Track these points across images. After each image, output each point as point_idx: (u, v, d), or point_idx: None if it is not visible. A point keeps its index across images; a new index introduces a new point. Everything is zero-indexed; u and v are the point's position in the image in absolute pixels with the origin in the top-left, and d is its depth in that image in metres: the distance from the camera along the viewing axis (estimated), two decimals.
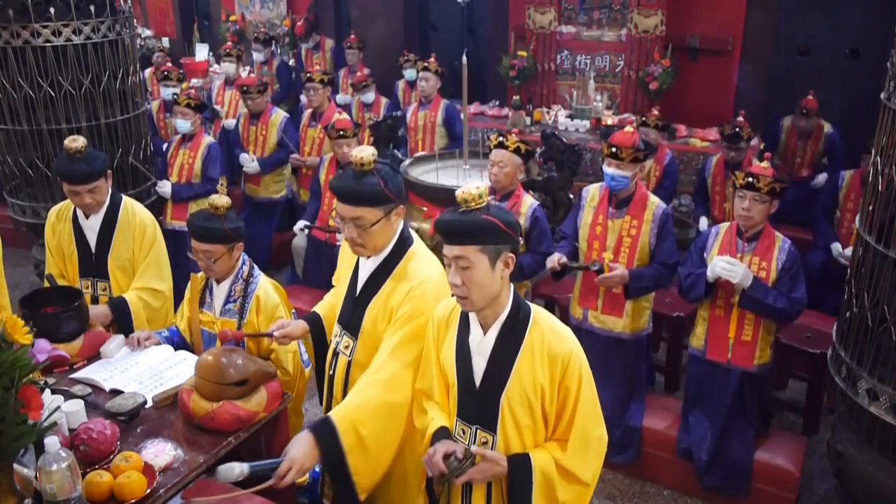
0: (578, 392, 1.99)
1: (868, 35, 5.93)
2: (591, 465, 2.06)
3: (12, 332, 1.87)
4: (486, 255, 1.90)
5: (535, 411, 2.02)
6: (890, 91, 2.65)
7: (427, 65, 5.74)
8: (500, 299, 2.00)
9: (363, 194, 2.21)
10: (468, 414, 2.10)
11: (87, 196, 3.12)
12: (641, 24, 6.33)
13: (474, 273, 1.91)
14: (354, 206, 2.22)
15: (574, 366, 1.98)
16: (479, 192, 1.91)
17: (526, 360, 1.99)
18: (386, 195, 2.23)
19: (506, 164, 3.56)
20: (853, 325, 2.79)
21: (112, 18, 4.06)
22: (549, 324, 2.04)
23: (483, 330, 2.05)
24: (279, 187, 5.64)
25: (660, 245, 3.40)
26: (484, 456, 2.02)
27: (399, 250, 2.35)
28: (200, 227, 2.71)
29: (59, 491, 1.87)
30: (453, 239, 1.92)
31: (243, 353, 2.52)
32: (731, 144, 4.68)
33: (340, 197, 2.24)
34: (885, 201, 2.64)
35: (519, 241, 1.97)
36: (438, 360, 2.18)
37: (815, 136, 5.28)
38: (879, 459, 2.73)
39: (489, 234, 1.90)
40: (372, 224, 2.23)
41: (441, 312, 2.18)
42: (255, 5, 9.41)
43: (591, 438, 2.04)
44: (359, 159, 2.22)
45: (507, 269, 1.96)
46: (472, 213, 1.91)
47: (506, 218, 1.93)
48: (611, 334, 3.55)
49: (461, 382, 2.10)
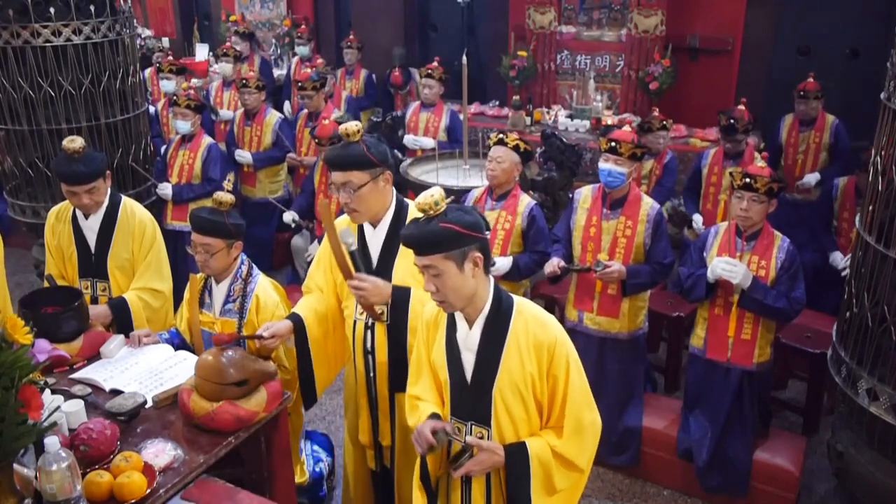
0: (567, 379, 2.03)
1: (868, 35, 5.93)
2: (587, 451, 2.10)
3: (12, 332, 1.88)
4: (452, 260, 1.94)
5: (527, 401, 2.06)
6: (890, 91, 2.65)
7: (430, 71, 5.66)
8: (479, 295, 2.04)
9: (348, 158, 2.44)
10: (462, 411, 2.13)
11: (85, 197, 3.12)
12: (641, 24, 6.33)
13: (445, 279, 1.95)
14: (343, 172, 2.45)
15: (560, 353, 2.02)
16: (433, 199, 1.92)
17: (513, 351, 2.03)
18: (370, 159, 2.44)
19: (504, 161, 3.56)
20: (853, 325, 2.79)
21: (112, 18, 4.05)
22: (532, 313, 2.07)
23: (469, 325, 2.08)
24: (276, 188, 5.64)
25: (655, 245, 3.41)
26: (480, 447, 2.05)
27: (399, 214, 2.58)
28: (203, 219, 2.72)
29: (59, 491, 1.87)
30: (418, 250, 1.96)
31: (243, 353, 2.52)
32: (728, 136, 4.56)
33: (330, 164, 2.49)
34: (885, 201, 2.64)
35: (484, 237, 2.00)
36: (430, 360, 2.21)
37: (819, 127, 5.09)
38: (879, 459, 2.73)
39: (451, 241, 1.92)
40: (360, 186, 2.45)
41: (429, 314, 2.22)
42: (255, 5, 9.42)
43: (585, 424, 2.07)
44: (344, 130, 2.45)
45: (478, 268, 1.99)
46: (430, 221, 1.93)
47: (464, 220, 1.94)
48: (607, 335, 3.55)
49: (453, 379, 2.13)
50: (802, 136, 5.14)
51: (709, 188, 4.72)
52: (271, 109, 5.65)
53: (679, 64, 6.33)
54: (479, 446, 2.05)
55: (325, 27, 9.09)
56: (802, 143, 5.15)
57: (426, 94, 5.72)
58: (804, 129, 5.14)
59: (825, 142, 5.09)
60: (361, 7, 8.40)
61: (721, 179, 4.65)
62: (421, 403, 2.22)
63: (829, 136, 5.06)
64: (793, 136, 5.19)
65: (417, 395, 2.25)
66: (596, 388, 3.54)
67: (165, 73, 5.94)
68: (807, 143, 5.13)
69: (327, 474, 3.48)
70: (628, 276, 3.38)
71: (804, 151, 5.16)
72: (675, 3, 6.29)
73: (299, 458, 3.29)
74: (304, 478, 3.30)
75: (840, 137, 5.04)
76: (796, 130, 5.17)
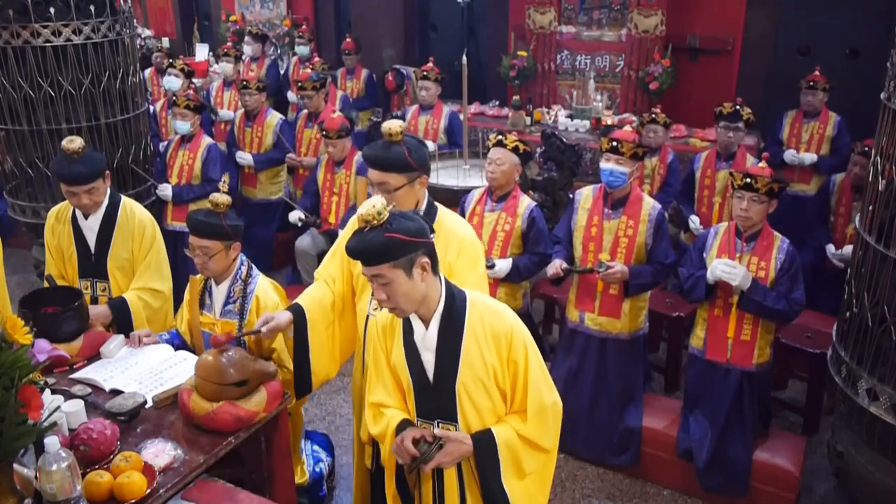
0: (527, 364, 2.06)
1: (868, 35, 5.92)
2: (550, 431, 2.14)
3: (12, 332, 1.88)
4: (400, 268, 1.94)
5: (490, 392, 2.09)
6: (890, 91, 2.65)
7: (426, 73, 5.63)
8: (431, 296, 2.05)
9: (389, 160, 2.44)
10: (427, 410, 2.16)
11: (84, 196, 3.12)
12: (641, 24, 6.32)
13: (395, 287, 1.96)
14: (381, 172, 2.46)
15: (518, 340, 2.05)
16: (376, 210, 1.91)
17: (471, 344, 2.05)
18: (409, 163, 2.45)
19: (503, 162, 3.56)
20: (853, 325, 2.79)
21: (112, 18, 4.05)
22: (486, 304, 2.10)
23: (425, 325, 2.09)
24: (276, 188, 5.64)
25: (656, 245, 3.41)
26: (448, 438, 2.08)
27: (430, 212, 2.59)
28: (199, 222, 2.72)
29: (59, 491, 1.88)
30: (365, 261, 1.96)
31: (243, 353, 2.52)
32: (731, 123, 4.48)
33: (370, 163, 2.49)
34: (885, 201, 2.64)
35: (430, 241, 1.99)
36: (390, 365, 2.21)
37: (823, 119, 5.10)
38: (879, 459, 2.73)
39: (396, 250, 1.91)
40: (396, 188, 2.45)
41: (384, 319, 2.22)
42: (255, 5, 9.42)
43: (547, 405, 2.10)
44: (387, 129, 2.46)
45: (426, 272, 1.99)
46: (374, 231, 1.91)
47: (408, 227, 1.93)
48: (608, 336, 3.55)
49: (415, 381, 2.15)
50: (806, 127, 5.16)
51: (702, 191, 4.71)
52: (272, 111, 5.65)
53: (679, 64, 6.32)
54: (446, 437, 2.08)
55: (325, 27, 9.09)
56: (805, 133, 5.16)
57: (423, 97, 5.69)
58: (807, 120, 5.17)
59: (828, 134, 5.11)
60: (361, 7, 8.39)
61: (714, 182, 4.66)
62: (386, 410, 2.22)
63: (832, 128, 5.10)
64: (795, 128, 5.21)
65: (380, 401, 2.24)
66: (596, 388, 3.60)
67: (177, 69, 5.91)
68: (810, 134, 5.15)
69: (327, 474, 3.48)
70: (631, 276, 3.38)
71: (807, 141, 5.17)
72: (675, 3, 6.29)
73: (299, 458, 3.29)
74: (304, 478, 3.30)
75: (842, 132, 5.08)
76: (799, 122, 5.20)
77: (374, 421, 2.25)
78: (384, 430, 2.19)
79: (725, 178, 4.44)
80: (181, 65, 5.99)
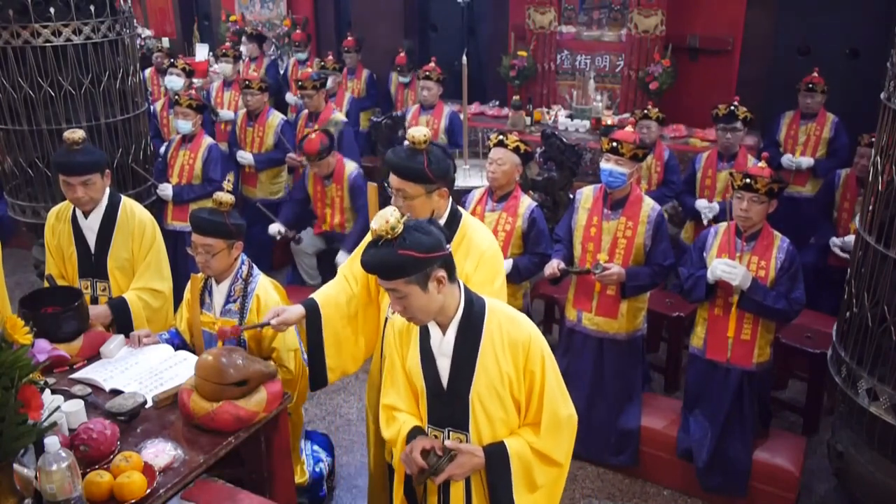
0: (543, 374, 2.03)
1: (868, 35, 5.92)
2: (564, 445, 2.11)
3: (12, 332, 1.88)
4: (415, 283, 1.89)
5: (505, 401, 2.05)
6: (890, 91, 2.65)
7: (428, 73, 5.65)
8: (448, 304, 2.01)
9: (408, 169, 2.42)
10: (439, 418, 2.12)
11: (80, 189, 3.11)
12: (641, 24, 6.32)
13: (411, 300, 1.92)
14: (400, 179, 2.44)
15: (535, 349, 2.02)
16: (389, 224, 1.84)
17: (488, 352, 2.02)
18: (427, 175, 2.41)
19: (504, 163, 3.56)
20: (853, 325, 2.79)
21: (112, 18, 4.05)
22: (504, 312, 2.07)
23: (442, 331, 2.06)
24: (277, 188, 5.64)
25: (655, 247, 3.40)
26: (460, 450, 2.04)
27: (452, 223, 2.54)
28: (203, 220, 2.72)
29: (59, 491, 1.87)
30: (380, 276, 1.94)
31: (243, 353, 2.52)
32: (728, 124, 4.50)
33: (391, 168, 2.47)
34: (885, 201, 2.64)
35: (446, 253, 1.94)
36: (404, 369, 2.18)
37: (820, 121, 5.11)
38: (879, 459, 2.73)
39: (409, 267, 1.86)
40: (413, 198, 2.43)
41: (400, 323, 2.17)
42: (255, 5, 9.41)
43: (562, 418, 2.08)
44: (412, 137, 2.43)
45: (443, 284, 1.94)
46: (388, 246, 1.86)
47: (422, 243, 1.87)
48: (605, 336, 3.55)
49: (429, 386, 2.11)
50: (803, 129, 5.17)
51: (703, 191, 4.74)
52: (274, 111, 5.65)
53: (679, 64, 6.32)
54: (458, 450, 2.04)
55: (325, 27, 9.08)
56: (802, 135, 5.17)
57: (424, 96, 5.71)
58: (805, 121, 5.17)
59: (825, 136, 5.12)
60: (361, 7, 8.39)
61: (715, 182, 4.67)
62: (398, 415, 2.20)
63: (829, 130, 5.10)
64: (793, 129, 5.22)
65: (393, 404, 2.21)
66: (594, 388, 3.60)
67: (179, 69, 5.90)
68: (807, 135, 5.16)
69: (327, 474, 3.48)
70: (628, 278, 3.37)
71: (804, 143, 5.18)
72: (675, 3, 6.28)
73: (299, 458, 3.29)
74: (304, 478, 3.30)
75: (839, 133, 5.09)
76: (796, 124, 5.21)
77: (386, 424, 2.23)
78: (395, 435, 2.17)
79: (726, 178, 4.45)
80: (182, 64, 5.99)
